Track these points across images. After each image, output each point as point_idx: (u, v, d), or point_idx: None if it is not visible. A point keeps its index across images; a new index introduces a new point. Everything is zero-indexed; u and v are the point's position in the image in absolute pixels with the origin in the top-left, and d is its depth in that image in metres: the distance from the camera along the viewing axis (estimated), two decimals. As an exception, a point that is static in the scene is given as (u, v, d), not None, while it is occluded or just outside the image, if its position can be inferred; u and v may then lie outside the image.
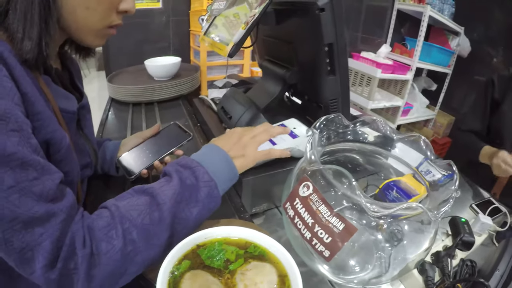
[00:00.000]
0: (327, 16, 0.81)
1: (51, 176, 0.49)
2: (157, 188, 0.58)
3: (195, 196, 0.60)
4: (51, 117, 0.55)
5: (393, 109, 3.02)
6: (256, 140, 0.75)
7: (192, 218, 0.59)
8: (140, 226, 0.53)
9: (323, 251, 0.55)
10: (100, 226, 0.51)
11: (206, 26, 1.06)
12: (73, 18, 0.60)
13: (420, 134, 0.75)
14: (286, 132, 0.83)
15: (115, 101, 1.69)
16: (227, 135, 0.76)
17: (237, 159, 0.70)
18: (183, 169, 0.62)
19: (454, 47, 3.02)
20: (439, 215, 0.53)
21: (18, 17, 0.52)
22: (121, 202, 0.56)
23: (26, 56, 0.54)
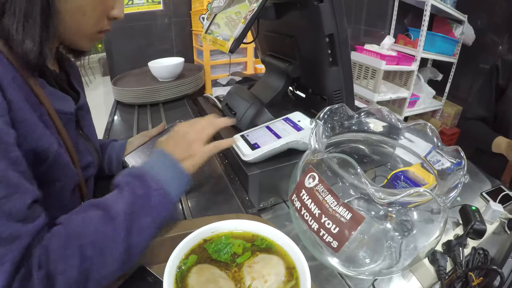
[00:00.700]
0: (326, 7, 0.81)
1: (22, 196, 0.47)
2: (110, 201, 0.57)
3: (147, 205, 0.59)
4: (36, 124, 0.54)
5: (399, 101, 3.00)
6: (201, 136, 0.75)
7: (146, 229, 0.58)
8: (94, 242, 0.51)
9: (331, 242, 0.55)
10: (56, 246, 0.49)
11: (207, 24, 1.07)
12: (69, 22, 0.61)
13: (425, 122, 0.74)
14: (231, 123, 0.84)
15: (121, 103, 1.70)
16: (172, 135, 0.76)
17: (185, 161, 0.70)
18: (133, 179, 0.61)
19: (458, 36, 2.99)
20: (448, 201, 0.52)
21: (18, 19, 0.53)
22: (74, 217, 0.54)
23: (28, 56, 0.54)
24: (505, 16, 2.74)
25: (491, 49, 2.89)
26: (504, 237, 0.82)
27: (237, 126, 1.03)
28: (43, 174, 0.57)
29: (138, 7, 1.98)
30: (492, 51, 2.88)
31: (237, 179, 0.92)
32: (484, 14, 2.91)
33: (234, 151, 0.89)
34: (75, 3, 0.59)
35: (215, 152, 0.77)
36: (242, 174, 0.86)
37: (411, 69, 2.80)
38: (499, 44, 2.84)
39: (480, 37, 2.95)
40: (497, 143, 1.47)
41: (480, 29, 2.93)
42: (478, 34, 2.94)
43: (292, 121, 0.92)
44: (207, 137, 0.76)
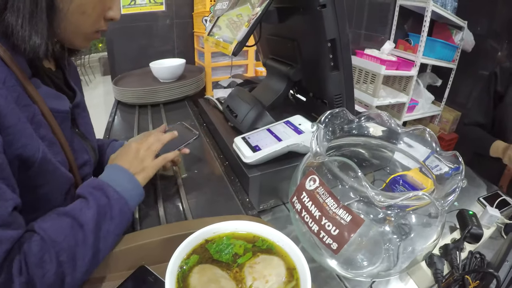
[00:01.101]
0: (329, 12, 0.82)
1: (4, 203, 0.49)
2: (77, 210, 0.59)
3: (109, 214, 0.62)
4: (22, 131, 0.55)
5: (398, 106, 3.00)
6: (151, 150, 0.81)
7: (111, 235, 0.61)
8: (67, 248, 0.54)
9: (331, 244, 0.56)
10: (35, 251, 0.50)
11: (209, 27, 1.07)
12: (69, 20, 0.62)
13: (424, 127, 0.75)
14: (174, 136, 0.89)
15: (121, 103, 1.71)
16: (125, 152, 0.80)
17: (138, 174, 0.75)
18: (95, 190, 0.64)
19: (458, 42, 3.00)
20: (445, 205, 0.52)
21: (23, 15, 0.54)
22: (46, 224, 0.55)
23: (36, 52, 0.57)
24: (505, 23, 2.76)
25: (490, 55, 2.91)
26: (500, 242, 0.83)
27: (238, 128, 1.04)
28: (30, 179, 0.58)
29: (140, 8, 1.99)
30: (491, 58, 2.89)
31: (238, 181, 0.92)
32: (484, 20, 2.93)
33: (235, 153, 0.90)
34: (76, 2, 0.61)
35: (163, 164, 0.83)
36: (242, 176, 0.87)
37: (411, 74, 2.81)
38: (498, 50, 2.85)
39: (479, 43, 2.96)
40: (495, 146, 1.47)
41: (480, 35, 2.95)
42: (478, 40, 2.95)
43: (293, 124, 0.93)
44: (155, 152, 0.82)
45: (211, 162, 1.06)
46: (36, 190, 0.61)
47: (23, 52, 0.57)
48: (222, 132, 1.09)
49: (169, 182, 0.95)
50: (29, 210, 0.56)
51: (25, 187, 0.56)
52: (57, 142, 0.65)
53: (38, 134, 0.59)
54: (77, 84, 0.83)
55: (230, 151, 0.94)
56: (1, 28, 0.55)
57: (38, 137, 0.59)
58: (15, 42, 0.55)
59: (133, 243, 0.63)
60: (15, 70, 0.57)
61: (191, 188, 0.92)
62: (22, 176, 0.56)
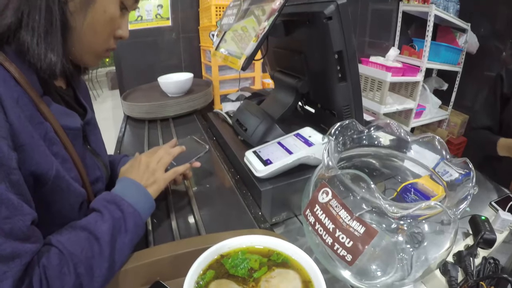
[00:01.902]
0: (335, 24, 0.83)
1: (23, 217, 0.50)
2: (93, 223, 0.61)
3: (124, 227, 0.64)
4: (36, 149, 0.56)
5: (405, 112, 3.00)
6: (161, 163, 0.84)
7: (126, 247, 0.63)
8: (85, 260, 0.55)
9: (345, 256, 0.56)
10: (54, 264, 0.52)
11: (217, 41, 1.09)
12: (81, 39, 0.65)
13: (434, 134, 0.75)
14: (183, 150, 0.92)
15: (131, 118, 1.72)
16: (135, 165, 0.82)
17: (150, 187, 0.78)
18: (109, 204, 0.66)
19: (462, 44, 3.00)
20: (458, 213, 0.53)
21: (38, 34, 0.57)
22: (63, 237, 0.57)
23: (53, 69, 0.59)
24: (508, 22, 2.76)
25: (495, 56, 2.91)
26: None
27: (248, 142, 1.05)
28: (45, 195, 0.59)
29: (147, 23, 2.02)
30: (496, 58, 2.89)
31: (250, 195, 0.93)
32: (487, 21, 2.93)
33: (246, 167, 0.91)
34: (88, 21, 0.63)
35: (173, 177, 0.86)
36: (254, 190, 0.88)
37: (417, 80, 2.80)
38: (502, 50, 2.85)
39: (483, 45, 2.96)
40: (501, 144, 1.47)
41: (484, 36, 2.95)
42: (482, 42, 2.95)
43: (303, 137, 0.94)
44: (166, 165, 0.85)
45: (222, 176, 1.06)
46: (50, 206, 0.62)
47: (39, 69, 0.59)
48: (232, 145, 1.09)
49: (181, 197, 0.95)
50: (44, 226, 0.57)
51: (40, 203, 0.57)
52: (69, 158, 0.66)
53: (51, 151, 0.60)
54: (88, 101, 0.85)
55: (241, 165, 0.95)
56: (16, 46, 0.57)
57: (51, 154, 0.60)
58: (31, 60, 0.57)
59: (148, 259, 0.64)
60: (28, 89, 0.58)
61: (203, 202, 0.92)
62: (36, 193, 0.57)
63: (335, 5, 0.81)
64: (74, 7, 0.61)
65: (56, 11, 0.58)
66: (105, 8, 0.64)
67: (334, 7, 0.81)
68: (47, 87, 0.65)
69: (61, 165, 0.63)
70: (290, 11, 0.93)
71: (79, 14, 0.62)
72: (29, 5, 0.56)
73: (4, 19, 0.56)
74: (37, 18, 0.56)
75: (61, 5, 0.59)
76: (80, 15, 0.62)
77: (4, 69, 0.55)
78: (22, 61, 0.58)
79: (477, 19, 2.92)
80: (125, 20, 0.73)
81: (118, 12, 0.68)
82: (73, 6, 0.60)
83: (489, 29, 2.93)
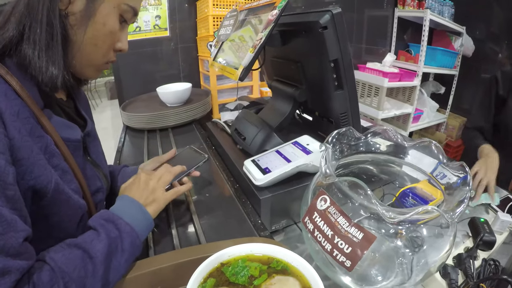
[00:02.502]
0: (330, 33, 0.84)
1: (15, 234, 0.49)
2: (88, 242, 0.60)
3: (120, 246, 0.63)
4: (35, 163, 0.56)
5: (403, 117, 3.01)
6: (161, 182, 0.83)
7: (121, 267, 0.62)
8: (77, 279, 0.54)
9: (344, 261, 0.57)
10: (44, 281, 0.51)
11: (214, 52, 1.10)
12: (82, 52, 0.66)
13: (430, 139, 0.76)
14: (183, 169, 0.92)
15: (130, 128, 1.73)
16: (135, 183, 0.81)
17: (149, 206, 0.76)
18: (107, 222, 0.65)
19: (458, 48, 3.03)
20: (455, 216, 0.53)
21: (40, 47, 0.58)
22: (56, 255, 0.56)
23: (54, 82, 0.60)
24: (503, 24, 2.79)
25: (491, 58, 2.93)
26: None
27: (247, 150, 1.06)
28: (43, 208, 0.59)
29: (145, 34, 2.03)
30: (493, 60, 2.92)
31: (249, 203, 0.93)
32: (482, 24, 2.96)
33: (245, 175, 0.91)
34: (88, 34, 0.64)
35: (174, 198, 0.85)
36: (254, 198, 0.88)
37: (414, 85, 2.83)
38: (498, 52, 2.88)
39: (479, 48, 2.99)
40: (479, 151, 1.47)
41: (479, 39, 2.98)
42: (478, 45, 2.98)
43: (301, 145, 0.94)
44: (166, 184, 0.84)
45: (222, 185, 1.07)
46: (49, 218, 0.62)
47: (41, 82, 0.60)
48: (231, 154, 1.10)
49: (181, 206, 0.96)
50: (42, 238, 0.57)
51: (38, 216, 0.58)
52: (70, 170, 0.67)
53: (51, 164, 0.61)
54: (88, 113, 0.86)
55: (240, 174, 0.96)
56: (17, 59, 0.58)
57: (51, 167, 0.60)
58: (33, 73, 0.58)
59: (149, 268, 0.64)
60: (29, 102, 0.59)
61: (203, 211, 0.93)
62: (35, 206, 0.57)
63: (330, 14, 0.83)
64: (75, 20, 0.62)
65: (57, 25, 0.59)
66: (105, 21, 0.66)
67: (329, 16, 0.83)
68: (48, 99, 0.66)
69: (61, 177, 0.63)
70: (286, 21, 0.95)
71: (79, 28, 0.63)
72: (31, 18, 0.57)
73: (6, 32, 0.57)
74: (38, 32, 0.57)
75: (62, 19, 0.60)
76: (81, 28, 0.63)
77: (5, 82, 0.56)
78: (24, 74, 0.59)
79: (472, 22, 2.96)
80: (125, 33, 0.74)
81: (118, 25, 0.69)
82: (74, 19, 0.62)
83: (485, 32, 2.97)
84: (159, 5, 2.02)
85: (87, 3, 0.62)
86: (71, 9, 0.61)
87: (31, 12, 0.57)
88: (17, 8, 0.58)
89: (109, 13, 0.66)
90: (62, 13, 0.60)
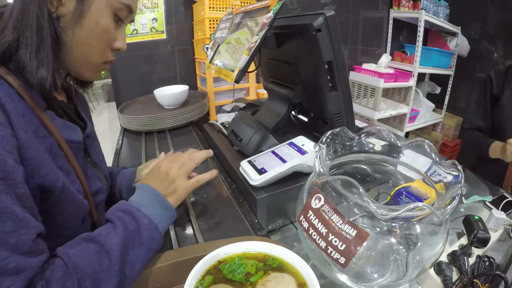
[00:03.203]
0: (324, 36, 0.85)
1: (28, 231, 0.50)
2: (104, 235, 0.59)
3: (138, 240, 0.62)
4: (42, 162, 0.58)
5: (399, 117, 3.03)
6: (183, 171, 0.80)
7: (139, 261, 0.61)
8: (91, 274, 0.54)
9: (338, 258, 0.58)
10: (57, 277, 0.51)
11: (211, 54, 1.11)
12: (76, 53, 0.67)
13: (423, 138, 0.77)
14: (210, 154, 0.91)
15: (128, 131, 1.74)
16: (155, 172, 0.80)
17: (170, 196, 0.75)
18: (124, 214, 0.65)
19: (453, 48, 3.06)
20: (446, 213, 0.55)
21: (31, 50, 0.59)
22: (71, 250, 0.56)
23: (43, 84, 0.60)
24: (497, 23, 2.82)
25: (487, 57, 2.96)
26: (509, 243, 0.84)
27: (243, 151, 1.07)
28: (50, 207, 0.60)
29: (142, 37, 2.05)
30: (488, 60, 2.94)
31: (246, 203, 0.94)
32: (477, 24, 2.99)
33: (242, 176, 0.92)
34: (81, 35, 0.65)
35: (196, 187, 0.82)
36: (250, 198, 0.89)
37: (409, 85, 2.84)
38: (493, 51, 2.90)
39: (474, 47, 3.01)
40: (493, 148, 1.50)
41: (474, 39, 3.00)
42: (473, 44, 3.01)
43: (296, 145, 0.95)
44: (188, 172, 0.82)
45: (219, 186, 1.08)
46: (55, 217, 0.63)
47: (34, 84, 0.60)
48: (228, 156, 1.11)
49: (179, 206, 0.95)
50: (48, 237, 0.57)
51: (45, 214, 0.58)
52: (73, 171, 0.68)
53: (56, 164, 0.62)
54: (87, 115, 0.87)
55: (237, 174, 0.97)
56: (15, 64, 0.59)
57: (56, 167, 0.61)
58: (26, 76, 0.59)
59: (148, 267, 0.65)
60: (31, 104, 0.60)
61: (201, 211, 0.94)
62: (43, 205, 0.58)
63: (323, 17, 0.84)
64: (65, 22, 0.63)
65: (47, 28, 0.60)
66: (98, 20, 0.66)
67: (322, 19, 0.84)
68: (49, 101, 0.67)
69: (66, 177, 0.64)
70: (281, 24, 0.96)
71: (71, 29, 0.63)
72: (24, 23, 0.58)
73: (4, 37, 0.58)
74: (29, 35, 0.58)
75: (52, 21, 0.61)
76: (73, 29, 0.64)
77: (8, 85, 0.57)
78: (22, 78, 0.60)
79: (467, 22, 2.98)
80: (122, 32, 0.74)
81: (112, 24, 0.69)
82: (64, 21, 0.63)
83: (480, 31, 2.99)
84: (155, 8, 2.03)
85: (77, 4, 0.63)
86: (61, 11, 0.62)
87: (24, 17, 0.59)
88: (14, 13, 0.59)
89: (101, 12, 0.66)
90: (53, 16, 0.61)
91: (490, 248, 0.81)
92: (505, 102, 1.53)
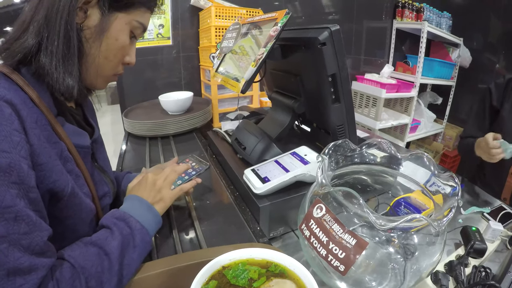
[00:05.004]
0: (329, 49, 0.88)
1: (40, 233, 0.53)
2: (103, 239, 0.64)
3: (133, 243, 0.67)
4: (53, 168, 0.59)
5: (401, 127, 3.04)
6: (167, 181, 0.87)
7: (134, 262, 0.66)
8: (95, 274, 0.58)
9: (338, 266, 0.60)
10: (66, 277, 0.54)
11: (217, 63, 1.13)
12: (94, 65, 0.70)
13: (422, 151, 0.79)
14: (188, 167, 0.99)
15: (132, 135, 1.75)
16: (142, 184, 0.85)
17: (157, 204, 0.81)
18: (118, 221, 0.70)
19: (455, 59, 3.07)
20: (442, 225, 0.56)
21: (57, 59, 0.61)
22: (74, 253, 0.59)
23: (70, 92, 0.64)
24: (500, 35, 2.83)
25: (488, 68, 2.96)
26: (506, 254, 0.84)
27: (246, 160, 1.09)
28: (59, 211, 0.62)
29: (148, 42, 2.06)
30: (490, 71, 2.95)
31: (248, 210, 0.96)
32: (479, 35, 3.00)
33: (245, 184, 0.94)
34: (101, 48, 0.68)
35: (180, 194, 0.89)
36: (253, 206, 0.91)
37: (411, 95, 2.85)
38: (495, 62, 2.91)
39: (476, 58, 3.03)
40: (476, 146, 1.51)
41: (476, 50, 3.01)
42: (475, 56, 3.02)
43: (299, 155, 0.97)
44: (172, 182, 0.88)
45: (222, 193, 1.09)
46: (64, 221, 0.65)
47: (57, 92, 0.63)
48: (232, 163, 1.13)
49: (183, 212, 0.98)
50: (57, 240, 0.59)
51: (54, 218, 0.61)
52: (81, 175, 0.70)
53: (66, 169, 0.64)
54: (94, 120, 0.89)
55: (240, 182, 0.98)
56: (35, 69, 0.61)
57: (66, 172, 0.63)
58: (50, 82, 0.62)
59: (152, 271, 0.67)
60: (44, 111, 0.62)
61: (204, 217, 0.95)
62: (52, 209, 0.60)
63: (328, 31, 0.86)
64: (90, 34, 0.66)
65: (74, 37, 0.62)
66: (117, 36, 0.69)
67: (327, 33, 0.86)
68: (60, 108, 0.69)
69: (75, 182, 0.66)
70: (287, 36, 0.98)
71: (94, 41, 0.66)
72: (49, 30, 0.60)
73: (25, 41, 0.60)
74: (56, 43, 0.61)
75: (78, 32, 0.64)
76: (95, 42, 0.67)
77: (23, 92, 0.59)
78: (40, 83, 0.63)
79: (470, 34, 3.00)
80: (133, 48, 0.78)
81: (128, 40, 0.73)
82: (89, 33, 0.66)
83: (482, 43, 3.01)
84: (162, 14, 2.05)
85: (101, 19, 0.66)
86: (86, 24, 0.65)
87: (49, 24, 0.60)
88: (35, 18, 0.61)
89: (121, 29, 0.70)
90: (78, 27, 0.64)
91: (487, 259, 0.82)
92: (505, 115, 1.54)
